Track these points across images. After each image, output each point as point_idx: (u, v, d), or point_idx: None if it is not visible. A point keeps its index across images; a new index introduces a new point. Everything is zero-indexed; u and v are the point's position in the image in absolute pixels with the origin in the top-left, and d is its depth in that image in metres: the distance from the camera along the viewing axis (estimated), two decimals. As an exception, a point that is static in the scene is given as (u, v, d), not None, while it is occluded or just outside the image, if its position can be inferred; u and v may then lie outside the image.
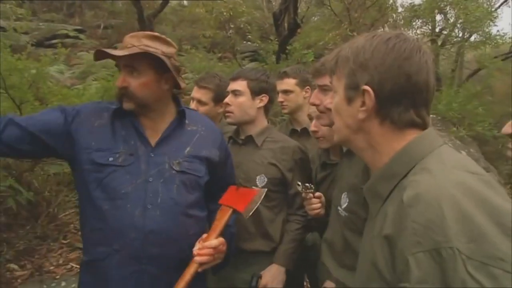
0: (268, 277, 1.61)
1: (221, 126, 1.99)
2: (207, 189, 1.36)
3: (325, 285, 1.38)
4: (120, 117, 1.30)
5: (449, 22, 8.83)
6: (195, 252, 1.16)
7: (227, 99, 1.73)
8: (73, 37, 7.43)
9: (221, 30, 7.92)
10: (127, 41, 1.26)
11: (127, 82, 1.24)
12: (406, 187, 0.70)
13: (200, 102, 2.02)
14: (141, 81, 1.24)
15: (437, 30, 9.20)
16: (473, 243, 0.59)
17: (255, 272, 1.61)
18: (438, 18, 9.19)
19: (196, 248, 1.17)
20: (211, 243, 1.17)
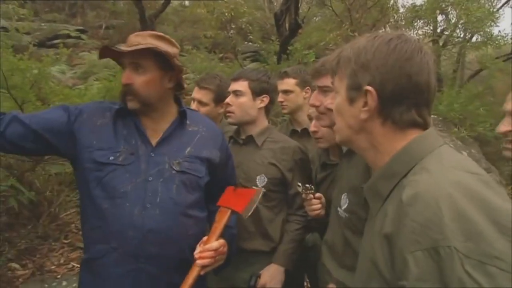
0: (267, 276, 1.62)
1: (221, 126, 1.99)
2: (207, 190, 1.36)
3: (329, 287, 1.38)
4: (122, 116, 1.31)
5: (450, 22, 8.81)
6: (196, 256, 1.15)
7: (228, 99, 1.74)
8: (75, 37, 7.48)
9: (222, 31, 7.92)
10: (132, 39, 1.27)
11: (132, 79, 1.25)
12: (405, 187, 0.71)
13: (201, 102, 2.03)
14: (146, 78, 1.26)
15: (438, 30, 9.16)
16: (470, 242, 0.60)
17: (254, 272, 1.61)
18: (440, 18, 9.18)
19: (197, 251, 1.17)
20: (211, 246, 1.17)
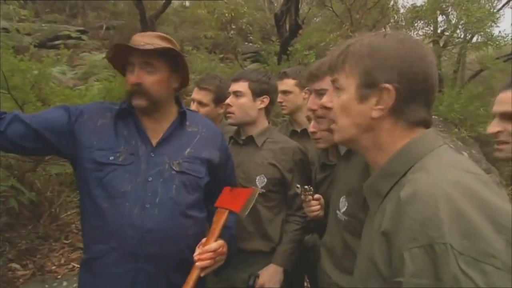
0: (266, 276, 1.62)
1: (221, 126, 2.00)
2: (207, 190, 1.36)
3: None
4: (122, 117, 1.31)
5: (451, 23, 8.80)
6: (195, 258, 1.15)
7: (229, 100, 1.74)
8: (75, 38, 7.48)
9: (223, 31, 7.92)
10: (138, 39, 1.28)
11: (142, 79, 1.25)
12: (404, 185, 0.72)
13: (201, 103, 2.03)
14: (156, 77, 1.27)
15: (439, 31, 9.17)
16: (466, 240, 0.60)
17: (253, 272, 1.62)
18: (440, 19, 9.18)
19: (196, 253, 1.17)
20: (210, 247, 1.17)
